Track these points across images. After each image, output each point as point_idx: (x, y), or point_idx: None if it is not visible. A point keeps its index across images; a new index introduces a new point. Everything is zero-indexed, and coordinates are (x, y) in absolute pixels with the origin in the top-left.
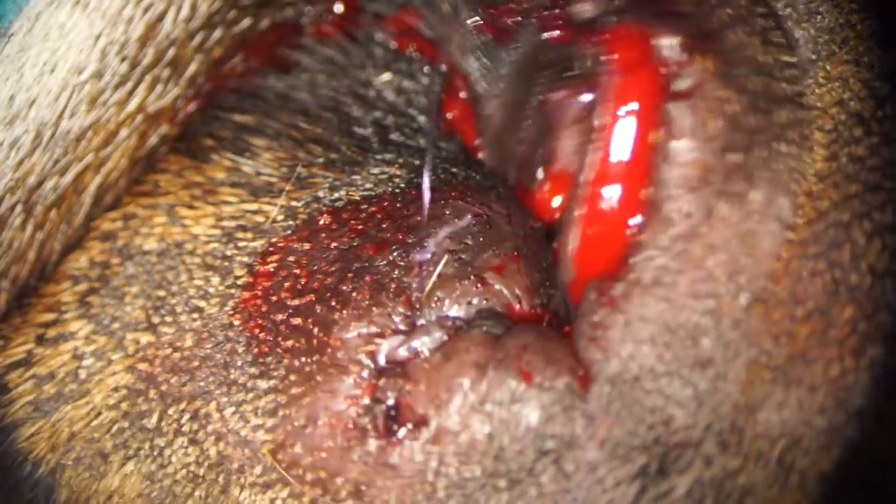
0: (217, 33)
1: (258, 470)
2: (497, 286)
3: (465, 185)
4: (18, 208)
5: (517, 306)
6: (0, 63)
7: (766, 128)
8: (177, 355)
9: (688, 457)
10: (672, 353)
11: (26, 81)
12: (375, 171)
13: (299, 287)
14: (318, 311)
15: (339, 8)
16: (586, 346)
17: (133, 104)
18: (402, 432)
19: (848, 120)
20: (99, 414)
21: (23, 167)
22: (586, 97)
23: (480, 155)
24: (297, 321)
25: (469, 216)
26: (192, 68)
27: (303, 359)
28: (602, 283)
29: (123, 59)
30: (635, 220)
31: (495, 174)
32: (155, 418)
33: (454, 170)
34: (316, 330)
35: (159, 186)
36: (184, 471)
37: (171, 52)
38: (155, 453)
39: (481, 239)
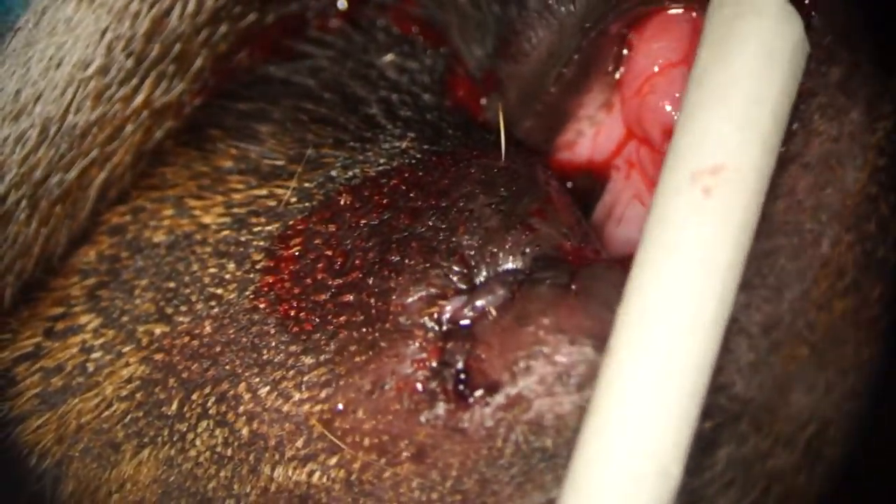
0: (223, 28)
1: (300, 443)
2: (544, 229)
3: (481, 145)
4: (24, 203)
5: (567, 244)
6: (7, 58)
7: (872, 49)
8: (196, 343)
9: (728, 431)
10: (756, 303)
11: (32, 76)
12: (386, 146)
13: (338, 266)
14: (371, 282)
15: (342, 4)
16: None
17: (139, 99)
18: (472, 397)
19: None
20: (110, 405)
21: (28, 162)
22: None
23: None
24: (347, 297)
25: (495, 170)
26: (197, 63)
27: (363, 329)
28: None
29: (129, 55)
30: None
31: (512, 137)
32: (175, 405)
33: (468, 135)
34: (372, 301)
35: (166, 179)
36: (208, 453)
37: (177, 48)
38: (174, 439)
39: (514, 188)
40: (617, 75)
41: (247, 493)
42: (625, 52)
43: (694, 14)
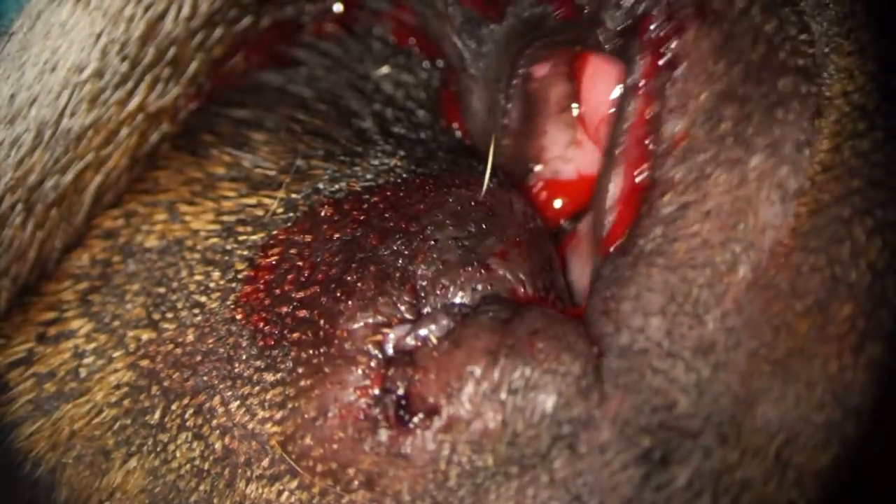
0: (218, 32)
1: (266, 462)
2: (501, 271)
3: (467, 174)
4: (19, 207)
5: (521, 290)
6: (1, 61)
7: (765, 96)
8: (179, 351)
9: (688, 447)
10: (678, 331)
11: (27, 80)
12: (375, 162)
13: (303, 279)
14: (323, 302)
15: (338, 8)
16: (598, 318)
17: (134, 103)
18: (413, 422)
19: (852, 112)
20: (100, 412)
21: (23, 166)
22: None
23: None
24: (302, 313)
25: (472, 203)
26: (192, 67)
27: (310, 351)
28: (615, 258)
29: (124, 58)
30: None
31: (498, 170)
32: (158, 414)
33: (457, 160)
34: (322, 322)
35: (159, 183)
36: (188, 465)
37: (171, 52)
38: (158, 449)
39: (484, 226)
40: (570, 114)
41: None
42: (570, 87)
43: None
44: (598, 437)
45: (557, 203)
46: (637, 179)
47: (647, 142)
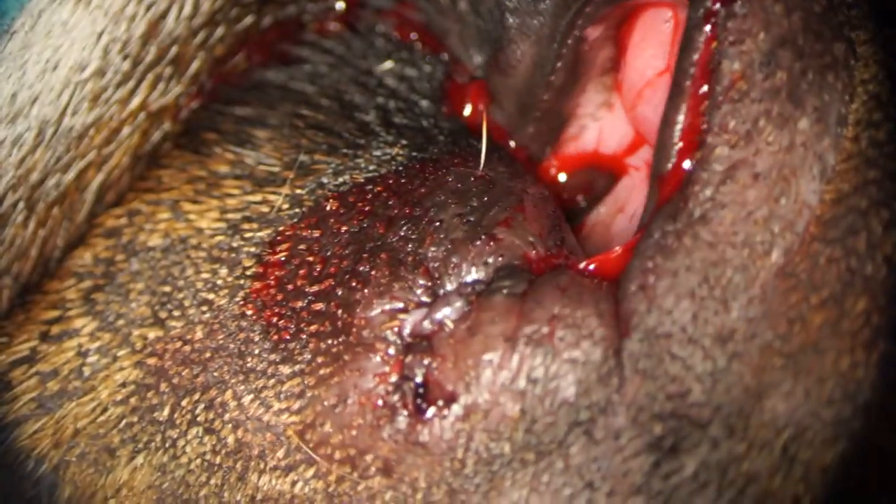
0: (220, 31)
1: (280, 453)
2: (509, 239)
3: (466, 153)
4: (21, 205)
5: (533, 252)
6: (2, 60)
7: (820, 55)
8: (187, 348)
9: (697, 436)
10: (704, 316)
11: (29, 79)
12: (378, 152)
13: (315, 273)
14: (339, 293)
15: (340, 6)
16: (635, 293)
17: (135, 102)
18: (431, 410)
19: (868, 101)
20: (105, 410)
21: (25, 164)
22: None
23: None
24: (318, 306)
25: (472, 179)
26: (194, 66)
27: (329, 341)
28: (664, 222)
29: (126, 57)
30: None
31: (498, 145)
32: (167, 411)
33: (456, 141)
34: (339, 312)
35: (162, 182)
36: (198, 460)
37: (173, 50)
38: (167, 445)
39: (486, 198)
40: (610, 77)
41: (237, 502)
42: (615, 52)
43: (671, 12)
44: (614, 422)
45: (563, 178)
46: (700, 117)
47: (710, 77)
